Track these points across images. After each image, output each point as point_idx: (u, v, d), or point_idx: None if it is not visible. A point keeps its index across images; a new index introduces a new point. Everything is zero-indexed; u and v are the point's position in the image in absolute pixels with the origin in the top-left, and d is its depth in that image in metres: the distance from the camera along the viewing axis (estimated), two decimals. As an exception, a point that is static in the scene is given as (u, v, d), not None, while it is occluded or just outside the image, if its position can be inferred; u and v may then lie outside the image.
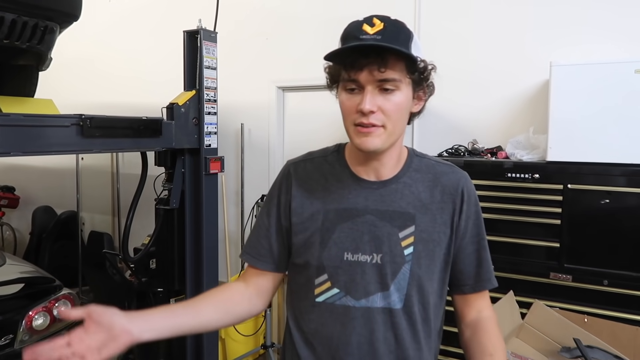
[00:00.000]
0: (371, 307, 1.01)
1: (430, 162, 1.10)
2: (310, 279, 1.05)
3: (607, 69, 2.21)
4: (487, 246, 1.11)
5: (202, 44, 2.66)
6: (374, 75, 0.92)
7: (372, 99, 0.93)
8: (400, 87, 0.95)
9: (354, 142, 0.98)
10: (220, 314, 1.06)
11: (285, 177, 1.12)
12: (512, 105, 2.85)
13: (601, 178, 2.21)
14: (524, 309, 2.29)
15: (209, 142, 2.76)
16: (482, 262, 1.09)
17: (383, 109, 0.94)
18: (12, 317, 2.19)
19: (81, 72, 4.57)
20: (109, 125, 2.27)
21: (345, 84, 0.96)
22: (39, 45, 2.10)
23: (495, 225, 2.43)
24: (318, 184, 1.07)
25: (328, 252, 1.02)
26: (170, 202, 2.83)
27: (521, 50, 2.81)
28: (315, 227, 1.04)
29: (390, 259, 1.01)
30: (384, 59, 0.91)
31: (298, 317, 1.08)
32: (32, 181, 5.05)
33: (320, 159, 1.11)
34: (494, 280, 1.12)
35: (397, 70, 0.93)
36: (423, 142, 3.08)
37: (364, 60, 0.91)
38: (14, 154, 1.96)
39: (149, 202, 3.14)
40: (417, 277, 1.01)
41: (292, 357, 1.10)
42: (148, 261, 3.16)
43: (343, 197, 1.04)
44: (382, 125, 0.95)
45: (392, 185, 1.04)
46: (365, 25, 0.92)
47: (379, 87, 0.93)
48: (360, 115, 0.94)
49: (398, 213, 1.02)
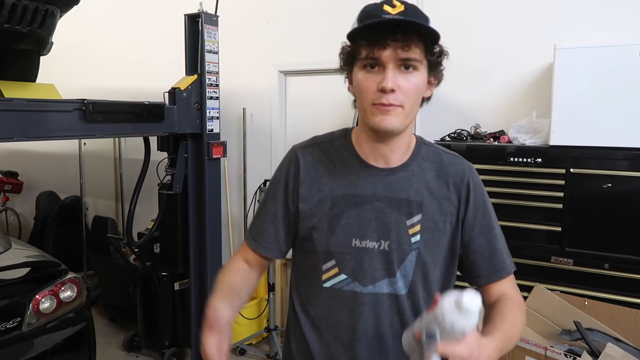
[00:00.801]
0: (378, 293, 1.02)
1: (437, 151, 1.09)
2: (318, 265, 1.05)
3: (612, 52, 2.19)
4: (500, 235, 1.09)
5: (204, 28, 2.64)
6: (397, 54, 0.91)
7: (394, 77, 0.92)
8: (420, 67, 0.94)
9: (371, 122, 0.96)
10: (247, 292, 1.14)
11: (292, 162, 1.10)
12: (515, 89, 2.83)
13: (604, 162, 2.20)
14: (525, 293, 2.31)
15: (211, 127, 2.76)
16: (495, 253, 1.07)
17: (402, 88, 0.93)
18: (19, 301, 2.22)
19: (82, 57, 4.54)
20: (111, 110, 2.28)
21: (364, 62, 0.94)
22: (40, 29, 2.09)
23: (496, 210, 2.42)
24: (326, 169, 1.06)
25: (336, 238, 1.02)
26: (173, 187, 2.84)
27: (524, 34, 2.78)
28: (322, 213, 1.04)
29: (398, 246, 1.01)
30: (409, 37, 0.90)
31: (305, 302, 1.09)
32: (35, 166, 5.07)
33: (327, 144, 1.10)
34: (509, 267, 1.08)
35: (418, 50, 0.93)
36: (425, 126, 3.07)
37: (390, 37, 0.90)
38: (17, 139, 1.97)
39: (152, 187, 3.16)
40: (422, 264, 1.02)
41: (298, 342, 1.11)
42: (152, 246, 3.19)
43: (351, 183, 1.03)
44: (401, 105, 0.94)
45: (401, 172, 1.03)
46: (385, 6, 0.91)
47: (400, 66, 0.92)
48: (380, 94, 0.92)
49: (406, 201, 1.02)
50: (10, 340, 2.15)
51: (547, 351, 1.86)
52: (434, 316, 0.80)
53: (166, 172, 2.97)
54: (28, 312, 2.22)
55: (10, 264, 2.40)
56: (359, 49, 0.95)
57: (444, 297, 0.79)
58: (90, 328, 2.49)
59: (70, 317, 2.39)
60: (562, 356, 1.82)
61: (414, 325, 0.89)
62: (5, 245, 2.59)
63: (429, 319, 0.81)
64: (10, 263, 2.41)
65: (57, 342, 2.30)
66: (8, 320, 2.16)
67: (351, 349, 1.03)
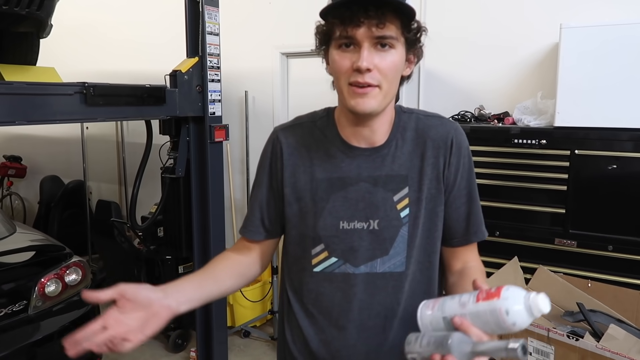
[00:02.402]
0: (371, 273, 1.01)
1: (418, 117, 1.07)
2: (307, 250, 1.04)
3: (619, 31, 2.15)
4: (477, 197, 1.07)
5: (204, 9, 2.60)
6: (372, 32, 0.88)
7: (369, 55, 0.89)
8: (396, 45, 0.92)
9: (348, 104, 0.94)
10: (235, 279, 1.09)
11: (273, 144, 1.09)
12: (519, 70, 2.79)
13: (609, 143, 2.18)
14: (529, 275, 2.31)
15: (213, 110, 2.74)
16: (471, 216, 1.06)
17: (379, 67, 0.90)
18: (25, 284, 2.24)
19: (83, 39, 4.51)
20: (112, 94, 2.26)
21: (339, 41, 0.92)
22: (39, 11, 2.06)
23: (500, 192, 2.43)
24: (309, 151, 1.05)
25: (323, 222, 1.02)
26: (176, 170, 2.83)
27: (529, 13, 2.73)
28: (308, 197, 1.03)
29: (387, 224, 1.00)
30: (384, 14, 0.87)
31: (297, 288, 1.09)
32: (38, 151, 5.07)
33: (310, 123, 1.08)
34: (483, 233, 1.08)
35: (394, 28, 0.90)
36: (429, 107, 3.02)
37: (363, 15, 0.87)
38: (19, 123, 1.96)
39: (155, 170, 3.15)
40: (415, 238, 1.01)
41: (292, 329, 1.10)
42: (156, 229, 3.20)
43: (335, 165, 1.02)
44: (378, 85, 0.91)
45: (384, 150, 1.02)
46: None
47: (375, 45, 0.90)
48: (356, 73, 0.90)
49: (391, 177, 1.01)
50: (16, 323, 2.17)
51: (550, 332, 1.87)
52: (491, 308, 0.77)
53: (168, 155, 2.96)
54: (34, 295, 2.24)
55: (16, 248, 2.42)
56: (332, 27, 0.92)
57: (508, 291, 0.76)
58: (95, 311, 2.51)
59: (75, 300, 2.41)
60: (565, 337, 1.83)
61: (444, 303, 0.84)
62: (10, 229, 2.60)
63: (482, 309, 0.78)
64: (15, 247, 2.43)
65: (63, 325, 2.32)
66: (14, 303, 2.18)
67: (345, 330, 1.03)
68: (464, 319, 0.79)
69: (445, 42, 2.97)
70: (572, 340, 1.81)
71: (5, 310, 2.14)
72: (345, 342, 1.03)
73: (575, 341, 1.80)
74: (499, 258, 2.40)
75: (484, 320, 0.77)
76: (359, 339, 1.02)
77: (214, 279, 1.06)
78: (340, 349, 1.04)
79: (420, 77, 3.05)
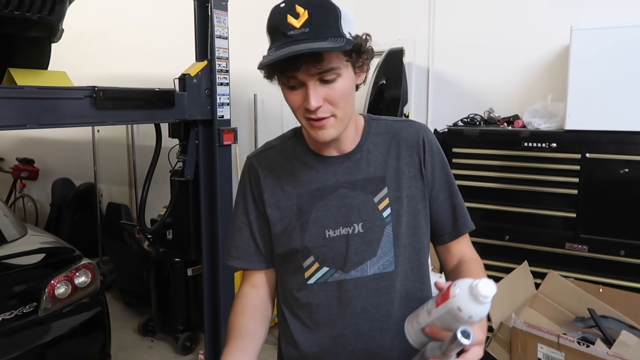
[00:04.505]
0: (362, 277, 1.01)
1: (387, 122, 1.09)
2: (299, 264, 1.05)
3: (630, 33, 2.12)
4: (458, 190, 1.10)
5: (213, 13, 2.62)
6: (313, 70, 0.89)
7: (316, 93, 0.90)
8: (341, 72, 0.92)
9: (310, 135, 0.98)
10: (265, 326, 1.09)
11: (249, 171, 1.11)
12: (529, 72, 2.77)
13: (621, 147, 2.15)
14: (539, 280, 2.29)
15: (221, 113, 2.75)
16: (456, 208, 1.09)
17: (329, 99, 0.92)
18: (35, 286, 2.26)
19: (94, 44, 4.56)
20: (122, 97, 2.28)
21: (285, 84, 0.94)
22: (50, 16, 2.09)
23: (510, 195, 2.41)
24: (284, 169, 1.07)
25: (309, 234, 1.02)
26: (185, 173, 2.85)
27: (539, 15, 2.71)
28: (292, 213, 1.04)
29: (371, 225, 1.01)
30: (318, 54, 0.87)
31: (293, 305, 1.09)
32: (50, 153, 5.13)
33: (280, 145, 1.11)
34: (470, 223, 1.10)
35: (334, 58, 0.90)
36: (438, 111, 3.03)
37: (299, 61, 0.88)
38: (30, 127, 1.98)
39: (164, 173, 3.17)
40: (400, 236, 1.02)
41: (287, 347, 1.11)
42: (165, 232, 3.21)
43: (312, 178, 1.04)
44: (332, 115, 0.93)
45: (357, 155, 1.04)
46: (289, 17, 0.88)
47: (320, 79, 0.91)
48: (308, 111, 0.92)
49: (368, 180, 1.03)
50: (27, 324, 2.19)
51: (560, 338, 1.84)
52: (446, 309, 0.78)
53: (178, 158, 2.98)
54: (44, 297, 2.26)
55: (26, 250, 2.44)
56: (273, 74, 0.94)
57: (455, 288, 0.78)
58: (105, 313, 2.53)
59: (85, 302, 2.43)
60: (575, 344, 1.80)
61: (418, 315, 0.86)
62: (21, 231, 2.63)
63: (441, 313, 0.79)
64: (26, 249, 2.45)
65: (72, 327, 2.33)
66: (25, 305, 2.20)
67: (342, 338, 1.03)
68: (432, 326, 0.81)
69: (454, 45, 2.95)
70: (582, 347, 1.78)
71: (15, 312, 2.16)
72: (343, 350, 1.03)
73: (586, 348, 1.77)
74: (509, 262, 2.37)
75: (447, 322, 0.79)
76: (357, 345, 1.02)
77: (254, 338, 1.05)
78: (339, 357, 1.04)
79: (429, 81, 3.04)
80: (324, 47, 0.86)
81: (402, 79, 2.67)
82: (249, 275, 1.14)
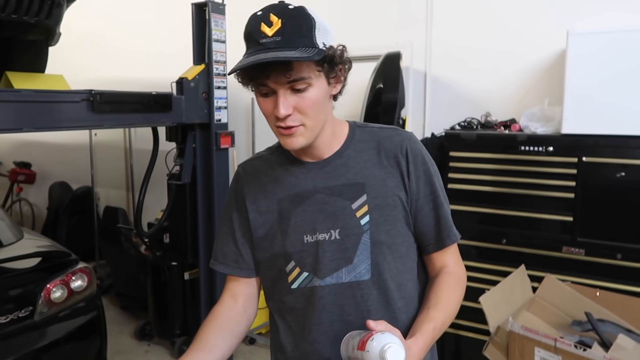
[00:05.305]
0: (337, 284, 1.01)
1: (373, 130, 1.09)
2: (282, 269, 1.05)
3: (626, 37, 2.13)
4: (444, 202, 1.08)
5: (211, 17, 2.63)
6: (283, 79, 0.90)
7: (286, 102, 0.91)
8: (312, 82, 0.92)
9: (281, 142, 0.99)
10: (229, 341, 1.08)
11: (236, 179, 1.13)
12: (526, 77, 2.78)
13: (617, 150, 2.16)
14: (536, 283, 2.29)
15: (219, 117, 2.76)
16: (440, 220, 1.07)
17: (299, 108, 0.93)
18: (31, 290, 2.25)
19: (91, 47, 4.55)
20: (119, 101, 2.28)
21: (257, 89, 0.95)
22: (47, 19, 2.10)
23: (507, 199, 2.41)
24: (267, 176, 1.08)
25: (289, 239, 1.03)
26: (182, 177, 2.85)
27: (536, 20, 2.72)
28: (273, 219, 1.05)
29: (348, 232, 1.01)
30: (288, 63, 0.88)
31: (281, 308, 1.10)
32: (47, 157, 5.12)
33: (267, 155, 1.13)
34: (455, 236, 1.08)
35: (304, 68, 0.91)
36: (435, 115, 3.03)
37: (269, 69, 0.89)
38: (26, 130, 1.99)
39: (162, 177, 3.17)
40: (378, 244, 1.01)
41: (276, 351, 1.12)
42: (162, 235, 3.21)
43: (292, 183, 1.05)
44: (302, 124, 0.94)
45: (337, 160, 1.04)
46: (263, 26, 0.89)
47: (291, 88, 0.92)
48: (278, 119, 0.93)
49: (347, 186, 1.02)
50: (23, 328, 2.18)
51: (557, 342, 1.84)
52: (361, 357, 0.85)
53: (175, 162, 2.98)
54: (40, 301, 2.25)
55: (22, 254, 2.43)
56: (246, 81, 0.95)
57: (371, 343, 0.83)
58: (101, 317, 2.52)
59: (81, 306, 2.42)
60: (573, 347, 1.80)
61: (348, 343, 0.91)
62: (17, 235, 2.62)
63: (359, 357, 0.85)
64: (22, 253, 2.44)
65: (69, 331, 2.33)
66: (20, 309, 2.19)
67: (318, 344, 1.03)
68: None
69: (452, 49, 2.96)
70: (580, 351, 1.78)
71: (11, 316, 2.15)
72: (319, 356, 1.03)
73: (583, 351, 1.77)
74: (506, 266, 2.37)
75: None
76: (333, 352, 1.01)
77: (211, 351, 1.04)
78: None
79: (426, 85, 3.05)
80: (292, 56, 0.87)
81: (400, 83, 2.67)
82: (229, 283, 1.15)
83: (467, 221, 2.50)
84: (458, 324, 2.58)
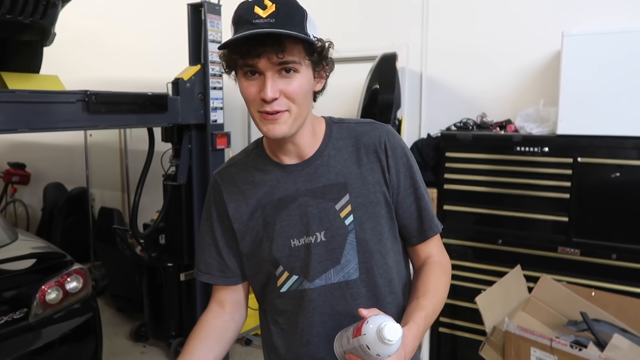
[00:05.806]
0: (326, 285, 1.02)
1: (350, 126, 1.08)
2: (271, 274, 1.05)
3: (621, 39, 2.14)
4: (425, 194, 1.09)
5: (207, 17, 2.62)
6: (273, 60, 0.89)
7: (273, 84, 0.90)
8: (300, 69, 0.92)
9: (261, 130, 0.96)
10: (216, 350, 1.08)
11: (213, 188, 1.11)
12: (521, 77, 2.79)
13: (612, 151, 2.17)
14: (532, 283, 2.30)
15: (215, 118, 2.75)
16: (422, 212, 1.07)
17: (285, 92, 0.92)
18: (26, 292, 2.23)
19: (87, 47, 4.54)
20: (115, 101, 2.27)
21: (244, 70, 0.93)
22: (42, 20, 2.08)
23: (502, 199, 2.42)
24: (246, 182, 1.07)
25: (276, 245, 1.03)
26: (178, 178, 2.84)
27: (531, 21, 2.73)
28: (258, 225, 1.04)
29: (334, 233, 1.01)
30: (281, 43, 0.88)
31: (272, 311, 1.10)
32: (42, 158, 5.09)
33: (243, 159, 1.10)
34: (437, 227, 1.09)
35: (296, 52, 0.91)
36: (431, 116, 3.04)
37: (261, 47, 0.88)
38: (20, 131, 1.97)
39: (157, 178, 3.16)
40: (364, 242, 1.02)
41: (270, 352, 1.12)
42: (157, 237, 3.20)
43: (274, 188, 1.04)
44: (287, 110, 0.93)
45: (317, 161, 1.03)
46: (256, 8, 0.89)
47: (279, 71, 0.91)
48: (264, 103, 0.92)
49: (329, 187, 1.02)
50: (17, 330, 2.16)
51: (553, 342, 1.84)
52: (358, 344, 0.84)
53: (170, 163, 2.97)
54: (34, 303, 2.23)
55: (17, 255, 2.41)
56: (235, 59, 0.94)
57: (367, 326, 0.83)
58: (96, 318, 2.51)
59: (76, 308, 2.41)
60: (568, 347, 1.80)
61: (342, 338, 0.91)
62: (12, 236, 2.60)
63: (355, 345, 0.85)
64: (16, 254, 2.43)
65: (63, 333, 2.32)
66: (15, 311, 2.18)
67: (311, 345, 1.04)
68: (351, 354, 0.87)
69: (447, 50, 2.97)
70: (575, 350, 1.78)
71: (5, 318, 2.13)
72: (313, 357, 1.04)
73: (578, 351, 1.78)
74: (501, 266, 2.38)
75: (361, 354, 0.85)
76: (327, 353, 1.01)
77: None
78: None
79: (422, 86, 3.05)
80: (289, 32, 0.87)
81: (396, 84, 2.68)
82: (216, 292, 1.14)
83: (463, 221, 2.50)
84: (454, 324, 2.59)
